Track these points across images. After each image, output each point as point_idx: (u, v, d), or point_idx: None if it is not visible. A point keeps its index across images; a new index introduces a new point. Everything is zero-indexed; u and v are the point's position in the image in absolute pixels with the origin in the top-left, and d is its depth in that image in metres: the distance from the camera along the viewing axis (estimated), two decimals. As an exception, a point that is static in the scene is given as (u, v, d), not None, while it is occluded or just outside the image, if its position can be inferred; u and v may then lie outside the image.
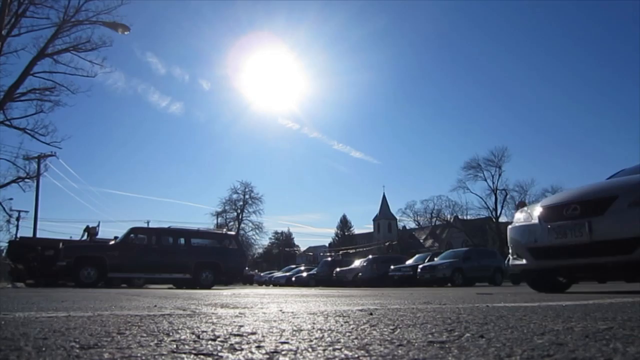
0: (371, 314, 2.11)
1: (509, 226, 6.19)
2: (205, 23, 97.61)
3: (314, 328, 1.50)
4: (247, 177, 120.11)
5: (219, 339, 1.22)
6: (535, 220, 5.56)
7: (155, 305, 2.98)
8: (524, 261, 5.73)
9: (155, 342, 1.17)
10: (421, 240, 75.08)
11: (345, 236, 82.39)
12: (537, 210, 5.69)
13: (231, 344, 1.13)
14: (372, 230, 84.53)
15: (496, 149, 54.98)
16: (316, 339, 1.23)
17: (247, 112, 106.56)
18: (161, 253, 14.18)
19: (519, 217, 6.02)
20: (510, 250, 6.04)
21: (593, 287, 10.75)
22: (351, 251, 63.63)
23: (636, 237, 4.59)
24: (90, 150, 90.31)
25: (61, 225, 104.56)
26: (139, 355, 0.98)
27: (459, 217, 62.25)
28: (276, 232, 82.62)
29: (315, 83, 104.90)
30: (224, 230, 28.27)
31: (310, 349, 1.06)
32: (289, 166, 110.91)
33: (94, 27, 21.46)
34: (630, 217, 4.74)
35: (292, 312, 2.25)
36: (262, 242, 69.83)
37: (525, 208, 6.13)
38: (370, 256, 26.93)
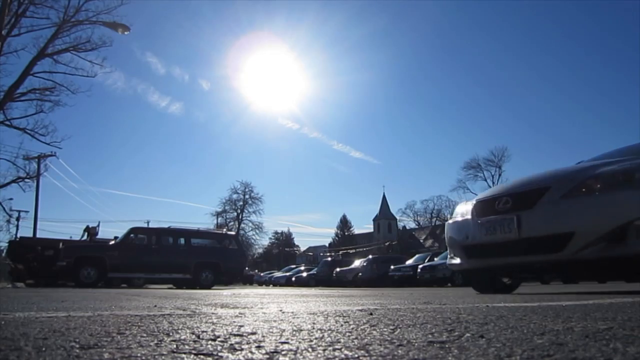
0: (371, 314, 2.11)
1: (447, 222, 5.73)
2: (205, 23, 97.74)
3: (314, 328, 1.50)
4: (247, 177, 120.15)
5: (219, 339, 1.22)
6: (469, 216, 5.12)
7: (155, 305, 2.98)
8: (459, 260, 5.31)
9: (155, 342, 1.17)
10: (421, 240, 75.06)
11: (345, 236, 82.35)
12: (472, 205, 5.23)
13: (231, 344, 1.13)
14: (372, 230, 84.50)
15: (496, 149, 55.20)
16: (316, 339, 1.23)
17: (247, 112, 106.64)
18: (161, 253, 14.19)
19: (458, 211, 5.52)
20: (448, 249, 5.62)
21: (593, 287, 10.75)
22: (351, 251, 63.63)
23: (567, 233, 4.12)
24: (90, 150, 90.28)
25: (61, 225, 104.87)
26: (139, 355, 0.98)
27: (459, 217, 62.14)
28: (276, 232, 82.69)
29: (315, 83, 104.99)
30: (224, 230, 28.29)
31: (310, 349, 1.06)
32: (289, 166, 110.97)
33: (94, 27, 21.51)
34: (561, 210, 4.26)
35: (292, 312, 2.25)
36: (262, 242, 69.98)
37: (465, 202, 5.62)
38: (370, 256, 26.93)
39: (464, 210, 5.37)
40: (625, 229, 3.87)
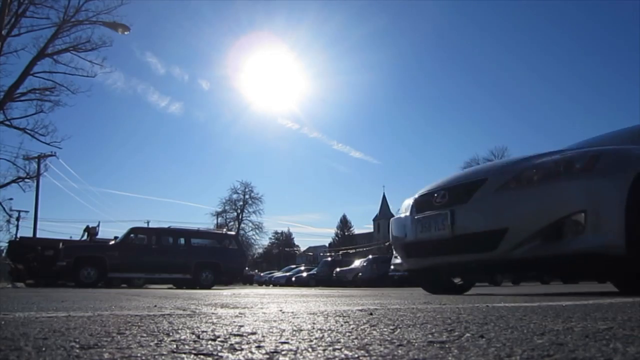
0: (371, 314, 2.10)
1: (392, 218, 5.31)
2: (205, 23, 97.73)
3: (314, 328, 1.50)
4: (247, 177, 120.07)
5: (219, 339, 1.22)
6: (409, 212, 4.79)
7: (155, 305, 2.98)
8: (400, 260, 4.98)
9: (155, 342, 1.17)
10: (421, 240, 75.01)
11: (345, 236, 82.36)
12: (413, 199, 4.86)
13: (231, 344, 1.13)
14: (372, 230, 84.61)
15: (496, 149, 54.97)
16: (316, 339, 1.23)
17: (247, 112, 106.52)
18: (161, 253, 14.20)
19: (403, 206, 5.11)
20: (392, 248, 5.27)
21: (593, 287, 10.75)
22: (351, 251, 63.60)
23: (500, 229, 3.75)
24: (90, 150, 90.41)
25: (61, 225, 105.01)
26: (139, 355, 0.98)
27: (459, 217, 62.14)
28: (276, 232, 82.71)
29: (315, 83, 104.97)
30: (224, 230, 28.28)
31: (310, 349, 1.06)
32: (289, 166, 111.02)
33: (94, 27, 21.53)
34: (495, 203, 3.88)
35: (292, 312, 2.25)
36: (262, 242, 69.92)
37: (410, 196, 5.14)
38: (370, 256, 26.94)
39: (407, 205, 4.97)
40: (561, 225, 3.53)
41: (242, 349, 1.06)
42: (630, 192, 3.45)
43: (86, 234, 17.67)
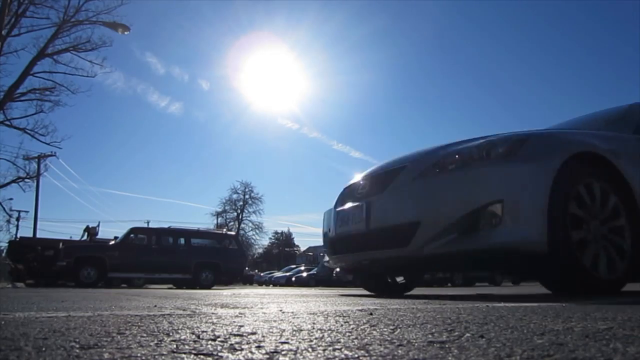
0: (371, 314, 2.10)
1: (324, 211, 4.87)
2: (205, 23, 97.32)
3: (314, 328, 1.50)
4: (247, 177, 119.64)
5: (219, 339, 1.22)
6: (334, 204, 4.50)
7: (155, 305, 2.98)
8: (327, 258, 4.73)
9: (155, 342, 1.17)
10: (421, 240, 74.92)
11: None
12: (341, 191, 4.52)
13: (231, 344, 1.13)
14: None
15: (496, 149, 55.03)
16: (316, 339, 1.23)
17: (247, 112, 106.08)
18: (161, 253, 14.23)
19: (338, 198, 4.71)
20: None
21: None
22: (351, 251, 63.57)
23: (412, 223, 3.39)
24: (90, 150, 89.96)
25: (61, 225, 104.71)
26: (139, 355, 0.98)
27: (459, 217, 62.18)
28: (276, 232, 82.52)
29: (315, 83, 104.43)
30: (224, 230, 28.30)
31: (310, 349, 1.06)
32: (289, 166, 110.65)
33: (94, 27, 21.60)
34: (410, 193, 3.55)
35: (292, 312, 2.25)
36: (262, 242, 69.84)
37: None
38: (370, 256, 26.87)
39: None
40: (477, 216, 3.16)
41: (242, 349, 1.06)
42: (556, 181, 3.10)
43: (86, 234, 17.72)
